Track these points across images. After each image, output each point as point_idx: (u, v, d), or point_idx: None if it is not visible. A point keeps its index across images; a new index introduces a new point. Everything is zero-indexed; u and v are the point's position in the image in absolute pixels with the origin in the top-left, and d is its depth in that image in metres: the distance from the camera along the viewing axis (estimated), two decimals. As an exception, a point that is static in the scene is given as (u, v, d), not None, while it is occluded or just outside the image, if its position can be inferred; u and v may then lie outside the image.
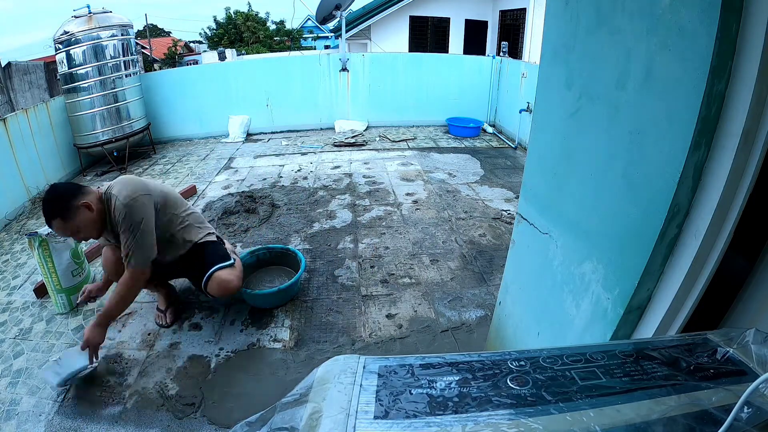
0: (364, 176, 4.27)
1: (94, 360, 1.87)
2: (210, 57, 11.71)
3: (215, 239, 2.17)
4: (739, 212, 0.74)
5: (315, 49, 17.38)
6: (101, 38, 4.40)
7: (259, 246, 2.66)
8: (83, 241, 2.02)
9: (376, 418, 0.55)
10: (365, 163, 4.67)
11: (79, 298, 2.17)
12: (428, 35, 9.62)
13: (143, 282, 1.93)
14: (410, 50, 9.29)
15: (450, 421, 0.54)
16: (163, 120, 5.60)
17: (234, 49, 13.78)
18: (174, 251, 2.05)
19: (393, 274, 2.63)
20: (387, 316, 2.26)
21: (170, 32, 24.06)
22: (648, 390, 0.59)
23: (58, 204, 1.70)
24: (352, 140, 5.40)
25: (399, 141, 5.51)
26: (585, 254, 1.06)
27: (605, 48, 0.93)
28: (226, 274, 2.01)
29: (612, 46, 0.90)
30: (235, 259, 2.12)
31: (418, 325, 2.20)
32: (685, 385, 0.60)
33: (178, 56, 16.68)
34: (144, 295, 2.41)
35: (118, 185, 1.84)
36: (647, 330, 0.92)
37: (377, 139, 5.64)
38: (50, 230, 2.22)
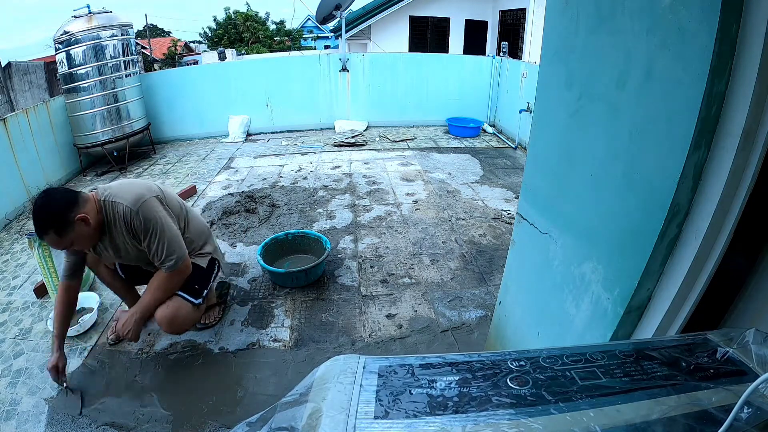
0: (364, 176, 4.27)
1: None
2: (210, 57, 11.69)
3: (204, 265, 1.96)
4: (739, 212, 0.74)
5: (315, 49, 17.35)
6: (101, 38, 4.40)
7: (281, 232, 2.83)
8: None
9: (376, 418, 0.55)
10: (365, 163, 4.67)
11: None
12: (428, 35, 9.61)
13: (186, 276, 1.81)
14: (410, 50, 9.28)
15: (450, 421, 0.54)
16: (163, 120, 5.59)
17: (234, 49, 13.74)
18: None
19: (393, 274, 2.62)
20: (387, 316, 2.26)
21: (170, 32, 24.06)
22: (648, 390, 0.59)
23: (54, 217, 1.52)
24: (352, 140, 5.40)
25: (399, 141, 5.51)
26: (585, 254, 1.06)
27: (605, 48, 0.93)
28: (182, 310, 1.81)
29: (612, 46, 0.90)
30: (201, 302, 1.90)
31: (418, 325, 2.20)
32: (685, 385, 0.60)
33: (178, 56, 16.65)
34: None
35: (118, 192, 1.69)
36: (647, 330, 0.92)
37: (377, 139, 5.63)
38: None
